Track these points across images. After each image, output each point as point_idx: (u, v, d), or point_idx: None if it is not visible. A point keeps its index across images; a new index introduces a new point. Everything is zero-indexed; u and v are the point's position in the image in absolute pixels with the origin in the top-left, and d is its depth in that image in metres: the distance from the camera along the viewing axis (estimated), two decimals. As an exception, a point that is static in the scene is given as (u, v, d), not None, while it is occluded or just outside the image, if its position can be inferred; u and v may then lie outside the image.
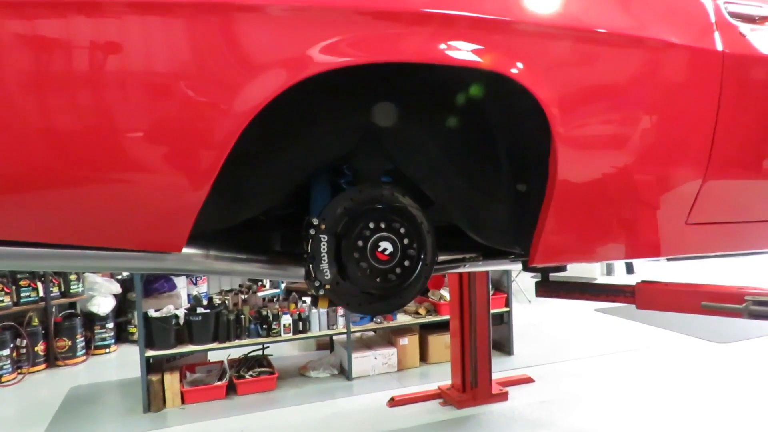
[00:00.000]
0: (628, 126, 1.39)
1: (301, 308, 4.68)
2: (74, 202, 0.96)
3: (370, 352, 4.78)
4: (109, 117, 0.92)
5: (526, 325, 6.05)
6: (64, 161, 0.92)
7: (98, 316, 5.55)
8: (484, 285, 4.16)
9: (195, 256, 1.19)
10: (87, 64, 0.90)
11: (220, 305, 4.57)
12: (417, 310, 5.02)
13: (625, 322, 6.29)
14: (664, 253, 1.59)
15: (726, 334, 5.55)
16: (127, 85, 0.93)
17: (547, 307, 7.24)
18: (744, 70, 1.49)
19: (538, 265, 1.46)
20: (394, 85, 1.33)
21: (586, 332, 5.99)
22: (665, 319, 6.32)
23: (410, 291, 1.36)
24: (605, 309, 6.90)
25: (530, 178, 1.43)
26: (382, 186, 1.34)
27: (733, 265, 9.44)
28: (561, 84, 1.27)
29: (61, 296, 5.45)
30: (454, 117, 1.43)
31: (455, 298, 4.23)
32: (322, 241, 1.25)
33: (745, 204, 1.70)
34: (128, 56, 0.92)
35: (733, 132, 1.51)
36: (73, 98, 0.90)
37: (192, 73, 0.97)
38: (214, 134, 0.98)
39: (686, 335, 5.61)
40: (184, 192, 1.00)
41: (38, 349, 5.11)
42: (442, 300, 5.00)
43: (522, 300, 7.31)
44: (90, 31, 0.90)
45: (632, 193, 1.44)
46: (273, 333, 4.52)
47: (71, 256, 1.03)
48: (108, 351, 5.63)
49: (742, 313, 1.51)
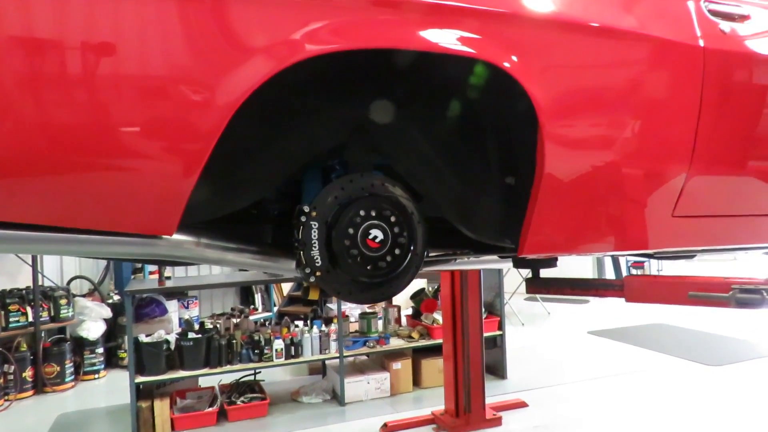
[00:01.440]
0: (614, 118, 1.43)
1: (294, 332, 4.65)
2: (69, 185, 0.96)
3: (362, 377, 4.74)
4: (98, 103, 0.94)
5: (520, 348, 6.03)
6: (57, 145, 0.93)
7: (88, 341, 5.48)
8: (477, 308, 4.16)
9: (186, 243, 1.19)
10: (77, 55, 0.91)
11: (212, 330, 4.53)
12: (410, 334, 5.00)
13: (619, 344, 6.28)
14: (652, 246, 1.60)
15: (719, 357, 5.55)
16: (116, 72, 0.94)
17: (540, 330, 7.23)
18: (724, 65, 1.54)
19: (528, 256, 1.48)
20: (384, 78, 1.35)
21: (579, 355, 5.97)
22: (658, 341, 6.32)
23: (401, 280, 1.36)
24: (598, 331, 6.90)
25: (519, 171, 1.46)
26: (373, 176, 1.35)
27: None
28: (550, 75, 1.31)
29: (50, 321, 5.38)
30: (444, 110, 1.45)
31: (448, 321, 4.22)
32: (313, 228, 1.26)
33: (732, 197, 1.73)
34: (116, 46, 0.94)
35: (716, 126, 1.55)
36: (64, 86, 0.91)
37: (178, 60, 0.98)
38: (202, 120, 1.00)
39: (680, 358, 5.61)
40: (175, 176, 1.00)
41: (26, 374, 5.03)
42: (435, 323, 4.98)
43: (515, 323, 7.30)
44: (81, 23, 0.91)
45: (618, 185, 1.46)
46: (265, 358, 4.48)
47: (65, 240, 1.03)
48: (97, 377, 5.55)
49: (729, 302, 1.52)
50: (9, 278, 5.63)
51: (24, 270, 5.57)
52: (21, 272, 5.66)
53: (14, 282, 5.59)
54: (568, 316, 8.05)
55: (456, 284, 4.17)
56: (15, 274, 5.70)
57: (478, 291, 4.18)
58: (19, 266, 5.63)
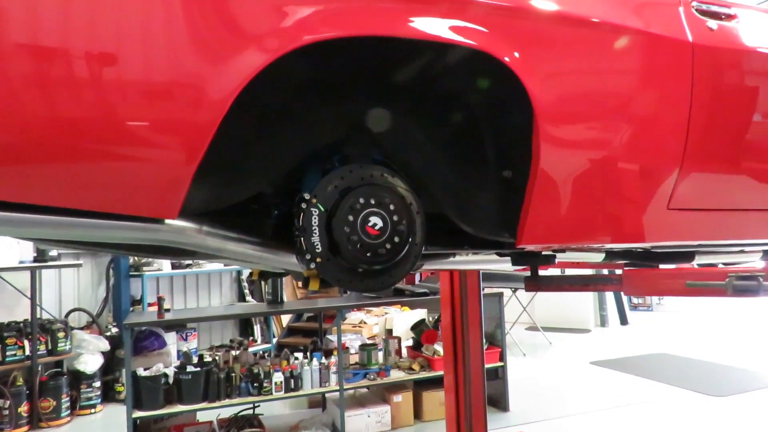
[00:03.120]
0: (609, 111, 1.47)
1: (293, 365, 4.60)
2: (75, 168, 0.98)
3: (363, 410, 4.68)
4: (100, 88, 0.96)
5: (522, 379, 5.96)
6: (62, 129, 0.94)
7: (85, 375, 5.42)
8: (478, 338, 4.13)
9: (188, 229, 1.19)
10: (81, 38, 0.94)
11: (211, 363, 4.49)
12: (411, 366, 4.95)
13: (621, 375, 6.21)
14: (648, 239, 1.61)
15: (723, 388, 5.49)
16: (117, 60, 0.96)
17: (542, 360, 7.16)
18: (712, 60, 1.60)
19: (526, 247, 1.48)
20: (381, 73, 1.38)
21: (582, 386, 5.90)
22: (661, 372, 6.26)
23: (400, 269, 1.36)
24: (601, 362, 6.83)
25: (515, 164, 1.48)
26: (373, 167, 1.37)
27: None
28: (547, 69, 1.35)
29: (47, 354, 5.33)
30: (441, 105, 1.48)
31: (449, 353, 4.19)
32: (314, 214, 1.26)
33: (727, 191, 1.75)
34: (117, 36, 0.96)
35: (707, 119, 1.59)
36: (67, 72, 0.94)
37: (178, 49, 1.01)
38: (202, 105, 1.01)
39: (683, 389, 5.54)
40: (177, 158, 1.02)
41: (21, 410, 4.96)
42: (435, 355, 4.94)
43: (517, 353, 7.23)
44: (84, 20, 0.94)
45: (613, 177, 1.49)
46: (264, 391, 4.42)
47: (69, 224, 1.03)
48: (94, 411, 5.46)
49: (727, 289, 1.52)
50: (7, 311, 5.59)
51: (22, 303, 5.54)
52: (19, 305, 5.63)
53: (12, 315, 5.55)
54: (569, 346, 7.98)
55: (457, 314, 4.15)
56: (13, 306, 5.67)
57: (479, 321, 4.15)
58: (18, 299, 5.61)
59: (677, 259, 2.12)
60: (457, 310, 4.14)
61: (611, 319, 9.61)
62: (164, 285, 7.23)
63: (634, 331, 9.22)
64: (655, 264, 2.06)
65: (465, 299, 4.14)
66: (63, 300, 6.29)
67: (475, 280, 4.13)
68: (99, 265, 6.60)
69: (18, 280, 5.53)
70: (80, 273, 6.41)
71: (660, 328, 9.33)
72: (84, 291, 6.48)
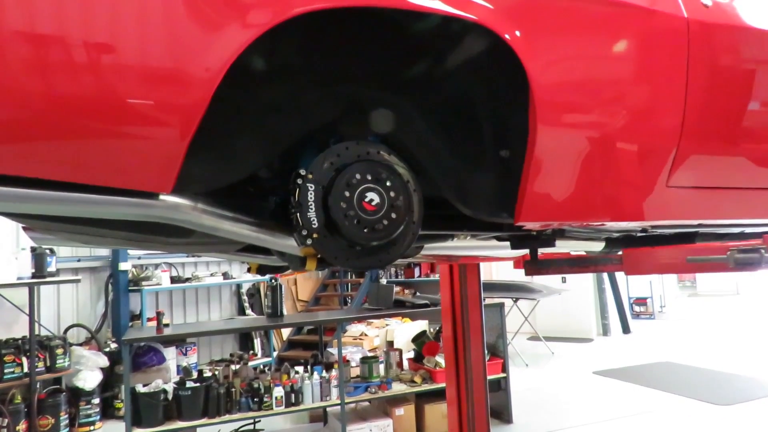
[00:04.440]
0: (605, 86, 1.46)
1: (294, 379, 4.56)
2: (69, 141, 0.98)
3: (365, 424, 4.63)
4: (92, 62, 0.96)
5: (525, 390, 5.92)
6: (57, 102, 0.94)
7: (84, 392, 5.37)
8: (480, 349, 4.10)
9: (183, 206, 1.17)
10: (73, 18, 0.96)
11: (210, 378, 4.45)
12: (412, 378, 4.91)
13: (625, 384, 6.16)
14: (647, 217, 1.60)
15: (728, 396, 5.44)
16: (111, 29, 0.97)
17: (544, 371, 7.11)
18: (707, 36, 1.60)
19: (525, 224, 1.47)
20: (375, 51, 1.37)
21: (586, 396, 5.85)
22: (665, 381, 6.21)
23: (397, 247, 1.35)
24: (604, 371, 6.79)
25: (512, 143, 1.47)
26: (369, 144, 1.35)
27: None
28: (544, 45, 1.34)
29: (46, 371, 5.28)
30: (436, 83, 1.47)
31: (451, 364, 4.15)
32: (310, 189, 1.25)
33: (726, 169, 1.74)
34: (111, 8, 0.97)
35: (703, 96, 1.59)
36: (64, 44, 0.94)
37: (169, 19, 1.01)
38: (195, 75, 1.02)
39: (688, 398, 5.49)
40: (171, 130, 1.02)
41: (20, 428, 4.90)
42: (437, 367, 4.90)
43: (519, 364, 7.18)
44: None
45: (611, 153, 1.48)
46: (265, 406, 4.38)
47: (61, 199, 1.03)
48: (93, 428, 5.41)
49: (728, 262, 1.50)
50: (5, 328, 5.56)
51: (21, 319, 5.51)
52: (18, 321, 5.60)
53: (10, 332, 5.52)
54: (572, 356, 7.93)
55: (458, 325, 4.13)
56: (11, 323, 5.64)
57: (480, 332, 4.12)
58: (16, 315, 5.58)
59: (677, 243, 2.11)
60: (458, 321, 4.12)
61: (613, 327, 9.57)
62: (164, 299, 7.20)
63: (637, 339, 9.17)
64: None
65: (466, 310, 4.11)
66: (61, 316, 6.26)
67: (476, 290, 4.11)
68: (98, 280, 6.58)
69: (16, 297, 5.51)
70: (79, 288, 6.38)
71: (662, 336, 9.28)
72: (83, 307, 6.45)
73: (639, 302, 11.55)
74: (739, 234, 2.27)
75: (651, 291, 11.43)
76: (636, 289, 11.28)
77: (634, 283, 11.18)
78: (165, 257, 7.19)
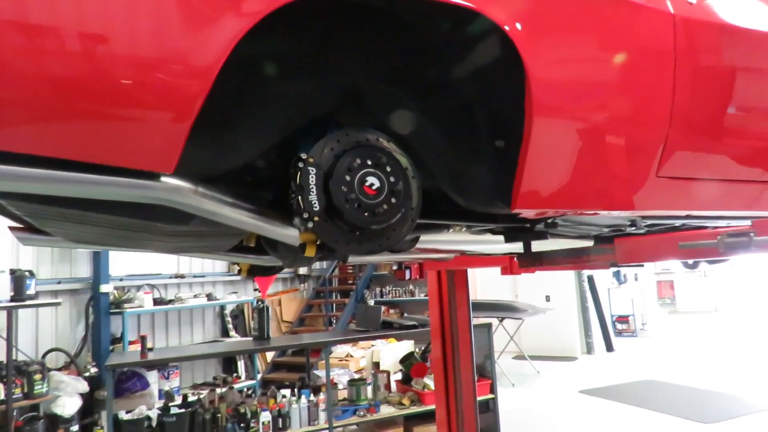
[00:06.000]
0: (597, 77, 1.52)
1: (281, 403, 4.49)
2: (73, 118, 0.98)
3: (353, 448, 4.57)
4: (98, 42, 0.97)
5: (512, 410, 5.90)
6: (61, 81, 0.94)
7: (63, 418, 5.21)
8: (469, 370, 4.08)
9: (183, 189, 1.17)
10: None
11: (196, 403, 4.36)
12: (401, 401, 4.86)
13: (611, 403, 6.19)
14: (638, 206, 1.65)
15: (712, 414, 5.50)
16: (113, 10, 0.98)
17: (531, 390, 7.11)
18: (693, 32, 1.67)
19: (520, 212, 1.51)
20: (373, 39, 1.39)
21: (572, 416, 5.85)
22: (650, 399, 6.25)
23: (397, 232, 1.36)
24: (589, 390, 6.81)
25: (507, 133, 1.49)
26: (368, 131, 1.37)
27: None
28: (541, 38, 1.38)
29: (23, 398, 5.11)
30: (433, 73, 1.50)
31: (440, 385, 4.13)
32: (311, 173, 1.25)
33: (714, 161, 1.81)
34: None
35: (690, 90, 1.66)
36: (68, 20, 0.95)
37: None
38: (197, 59, 1.03)
39: (673, 416, 5.53)
40: (174, 111, 1.03)
41: (-6, 458, 4.74)
42: (426, 389, 4.87)
43: (505, 383, 7.17)
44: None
45: (602, 143, 1.53)
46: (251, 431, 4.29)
47: (62, 179, 1.02)
48: (71, 457, 5.24)
49: (719, 246, 1.54)
50: (-19, 353, 5.39)
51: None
52: (-6, 346, 5.43)
53: (-14, 357, 5.35)
54: (557, 375, 7.95)
55: (447, 346, 4.11)
56: (-13, 348, 5.46)
57: (470, 353, 4.12)
58: (-8, 340, 5.41)
59: (664, 230, 2.15)
60: (447, 342, 4.10)
61: (597, 345, 9.63)
62: (146, 322, 7.06)
63: (620, 357, 9.24)
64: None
65: (455, 331, 4.10)
66: (40, 340, 6.09)
67: (465, 310, 4.11)
68: (78, 303, 6.43)
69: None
70: (58, 311, 6.23)
71: (645, 354, 9.36)
72: (62, 330, 6.29)
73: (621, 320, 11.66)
74: (725, 227, 2.34)
75: (633, 308, 11.55)
76: (618, 306, 11.40)
77: (616, 300, 11.30)
78: (148, 279, 7.08)
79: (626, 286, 11.69)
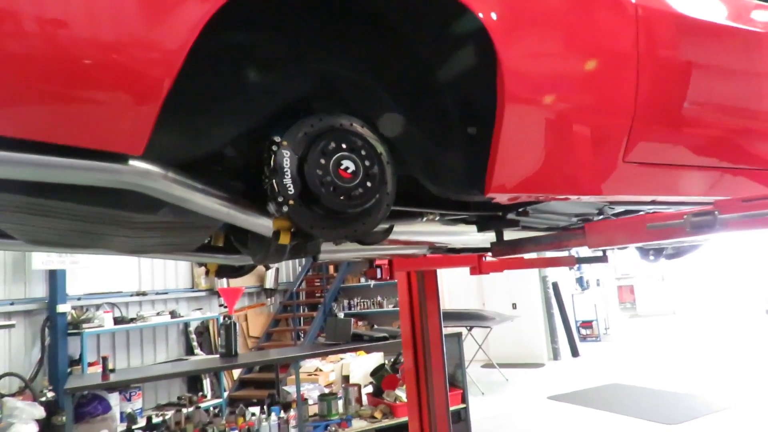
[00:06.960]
0: (564, 65, 1.57)
1: (250, 422, 4.39)
2: (39, 96, 0.95)
3: (325, 465, 4.49)
4: (67, 19, 0.95)
5: (483, 419, 5.92)
6: (25, 60, 0.91)
7: (17, 447, 4.95)
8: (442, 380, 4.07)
9: (153, 173, 1.12)
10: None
11: (161, 425, 4.21)
12: (372, 414, 4.82)
13: (578, 408, 6.28)
14: (606, 191, 1.71)
15: (676, 415, 5.64)
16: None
17: (501, 398, 7.15)
18: (654, 20, 1.74)
19: (494, 197, 1.54)
20: (343, 27, 1.39)
21: (542, 423, 5.91)
22: (616, 402, 6.37)
23: (373, 217, 1.37)
24: (557, 396, 6.90)
25: (479, 121, 1.53)
26: (342, 116, 1.37)
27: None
28: (512, 25, 1.42)
29: (-27, 427, 4.86)
30: (403, 60, 1.51)
31: (413, 397, 4.11)
32: (285, 156, 1.24)
33: (678, 147, 1.88)
34: None
35: (653, 78, 1.72)
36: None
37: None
38: (167, 37, 1.03)
39: (638, 418, 5.65)
40: (143, 90, 1.01)
41: (-58, 492, 4.46)
42: (398, 401, 4.84)
43: (475, 392, 7.19)
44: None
45: (570, 128, 1.58)
46: (220, 452, 4.18)
47: (29, 162, 0.97)
48: (27, 487, 4.98)
49: (684, 226, 1.60)
50: (-74, 381, 5.09)
51: (-55, 370, 5.06)
52: (-59, 373, 5.14)
53: (-67, 385, 5.06)
54: (525, 382, 8.03)
55: (419, 357, 4.10)
56: (-66, 375, 5.17)
57: (442, 363, 4.11)
58: (-60, 366, 5.12)
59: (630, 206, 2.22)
60: (419, 352, 4.09)
61: (563, 351, 9.79)
62: (106, 342, 6.81)
63: (586, 362, 9.40)
64: None
65: (427, 341, 4.09)
66: (-8, 364, 5.80)
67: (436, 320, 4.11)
68: (33, 324, 6.16)
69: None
70: (12, 334, 5.94)
71: (609, 358, 9.56)
72: (16, 353, 6.00)
73: (585, 325, 11.89)
74: (690, 210, 2.43)
75: (596, 314, 11.80)
76: (582, 312, 11.63)
77: (580, 306, 11.53)
78: (108, 297, 6.84)
79: (589, 292, 11.94)
